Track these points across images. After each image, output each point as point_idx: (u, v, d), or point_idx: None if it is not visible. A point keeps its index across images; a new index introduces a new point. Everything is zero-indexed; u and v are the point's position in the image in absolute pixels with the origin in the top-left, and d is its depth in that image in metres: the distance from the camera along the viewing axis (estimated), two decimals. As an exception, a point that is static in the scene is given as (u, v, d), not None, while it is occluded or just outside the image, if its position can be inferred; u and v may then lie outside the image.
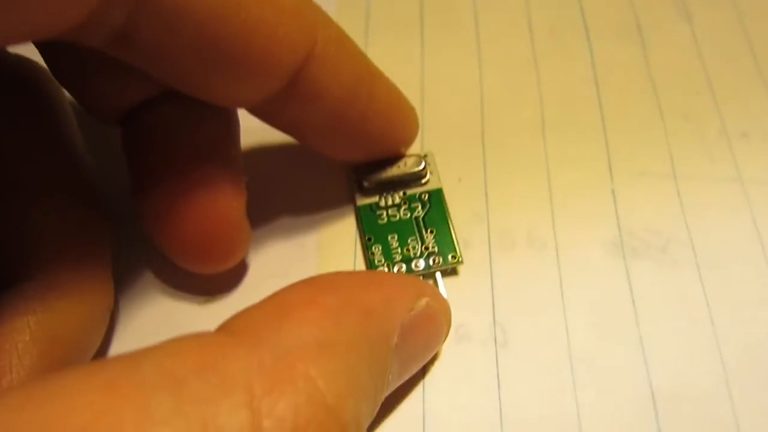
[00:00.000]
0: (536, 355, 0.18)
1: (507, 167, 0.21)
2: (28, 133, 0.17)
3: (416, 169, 0.20)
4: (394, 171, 0.20)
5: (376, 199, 0.20)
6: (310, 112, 0.17)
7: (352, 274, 0.17)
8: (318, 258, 0.19)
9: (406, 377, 0.16)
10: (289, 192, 0.21)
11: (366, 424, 0.13)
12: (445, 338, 0.17)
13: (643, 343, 0.18)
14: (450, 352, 0.18)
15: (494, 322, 0.18)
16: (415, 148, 0.21)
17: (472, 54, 0.24)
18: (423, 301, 0.15)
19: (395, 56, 0.24)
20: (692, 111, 0.22)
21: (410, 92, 0.22)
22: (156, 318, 0.19)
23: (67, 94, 0.18)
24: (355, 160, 0.20)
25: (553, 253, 0.19)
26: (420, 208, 0.20)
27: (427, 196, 0.20)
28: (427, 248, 0.19)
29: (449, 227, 0.19)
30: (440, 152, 0.21)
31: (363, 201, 0.20)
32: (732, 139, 0.22)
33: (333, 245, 0.20)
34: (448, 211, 0.20)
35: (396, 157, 0.20)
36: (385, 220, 0.20)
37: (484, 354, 0.18)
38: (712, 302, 0.18)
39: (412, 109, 0.20)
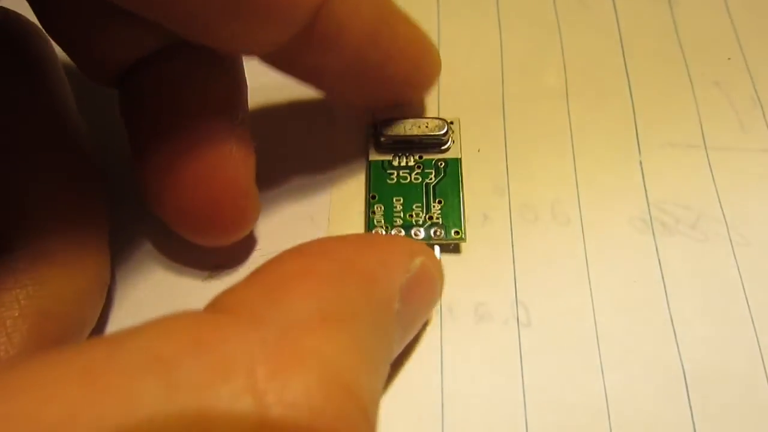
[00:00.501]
0: (561, 336, 0.17)
1: (529, 137, 0.20)
2: (15, 92, 0.15)
3: (437, 133, 0.19)
4: (414, 130, 0.19)
5: (389, 157, 0.19)
6: (330, 56, 0.15)
7: (343, 239, 0.15)
8: (328, 232, 0.18)
9: (405, 344, 0.15)
10: (298, 158, 0.20)
11: (379, 401, 0.12)
12: (440, 297, 0.16)
13: (674, 324, 0.17)
14: (470, 332, 0.17)
15: (516, 300, 0.17)
16: (431, 114, 0.20)
17: (491, 15, 0.22)
18: (418, 261, 0.14)
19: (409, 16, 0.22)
20: (723, 77, 0.21)
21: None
22: (156, 295, 0.18)
23: (59, 50, 0.17)
24: (376, 106, 0.19)
25: (579, 228, 0.18)
26: (433, 175, 0.19)
27: (443, 164, 0.19)
28: (431, 218, 0.18)
29: (460, 201, 0.18)
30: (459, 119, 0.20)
31: (376, 156, 0.19)
32: (765, 108, 0.20)
33: (344, 218, 0.19)
34: (462, 184, 0.18)
35: (419, 117, 0.19)
36: (395, 180, 0.18)
37: (506, 335, 0.17)
38: (746, 280, 0.17)
39: (434, 47, 0.18)
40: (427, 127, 0.19)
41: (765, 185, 0.19)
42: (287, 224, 0.19)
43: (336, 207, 0.19)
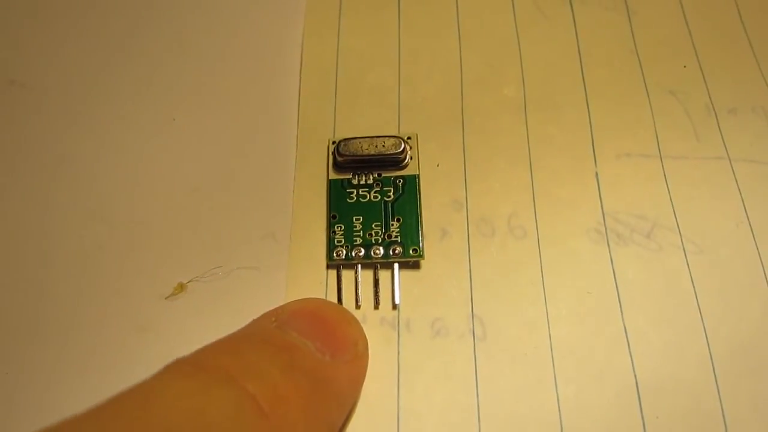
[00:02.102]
0: (516, 349, 0.17)
1: (487, 150, 0.20)
2: None
3: (394, 152, 0.19)
4: (371, 150, 0.19)
5: (349, 176, 0.19)
6: None
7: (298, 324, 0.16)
8: (290, 250, 0.19)
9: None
10: (260, 175, 0.20)
11: None
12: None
13: (627, 334, 0.17)
14: (426, 347, 0.17)
15: (472, 314, 0.17)
16: (391, 130, 0.20)
17: (451, 27, 0.23)
18: (360, 346, 0.16)
19: (370, 31, 0.23)
20: (679, 86, 0.21)
21: (385, 70, 0.21)
22: (119, 312, 0.18)
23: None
24: None
25: (535, 241, 0.18)
26: (392, 192, 0.19)
27: (401, 182, 0.19)
28: (389, 236, 0.18)
29: (418, 219, 0.18)
30: (417, 135, 0.20)
31: (335, 175, 0.19)
32: (720, 116, 0.21)
33: (306, 236, 0.19)
34: (420, 200, 0.19)
35: (376, 135, 0.19)
36: (354, 199, 0.19)
37: (462, 349, 0.17)
38: (699, 290, 0.18)
39: None
40: (383, 145, 0.19)
41: (718, 193, 0.19)
42: (249, 242, 0.19)
43: (298, 224, 0.19)
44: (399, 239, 0.18)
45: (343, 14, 0.23)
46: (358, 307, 0.18)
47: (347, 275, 0.18)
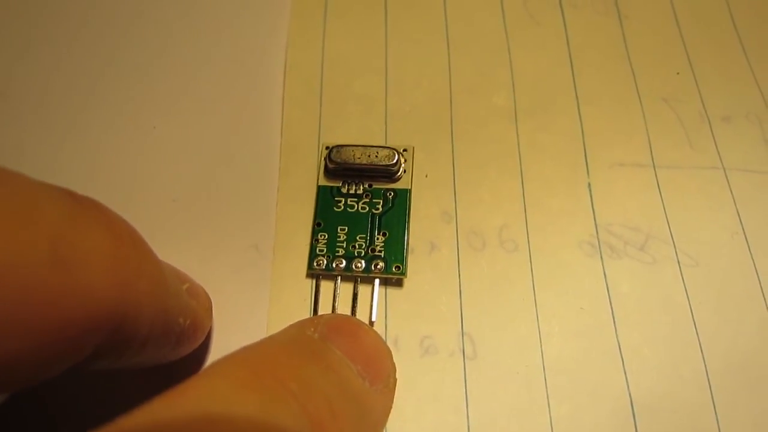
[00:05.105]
0: (507, 368, 0.16)
1: (477, 160, 0.19)
2: None
3: (387, 163, 0.18)
4: (363, 159, 0.18)
5: (338, 183, 0.19)
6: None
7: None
8: (274, 263, 0.18)
9: None
10: (243, 181, 0.19)
11: None
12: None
13: (621, 351, 0.17)
14: (414, 366, 0.16)
15: (462, 332, 0.17)
16: (379, 139, 0.20)
17: (439, 33, 0.22)
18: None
19: (356, 36, 0.22)
20: (672, 93, 0.21)
21: (372, 77, 0.21)
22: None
23: None
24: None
25: (526, 254, 0.18)
26: (381, 205, 0.18)
27: (392, 195, 0.18)
28: (373, 250, 0.18)
29: (404, 235, 0.18)
30: (405, 145, 0.19)
31: (325, 182, 0.19)
32: (713, 124, 0.20)
33: (290, 248, 0.18)
34: (409, 216, 0.18)
35: (371, 144, 0.19)
36: (341, 208, 0.18)
37: (452, 368, 0.16)
38: (694, 303, 0.17)
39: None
40: (377, 156, 0.18)
41: (712, 203, 0.19)
42: (231, 254, 0.18)
43: (281, 237, 0.18)
44: (383, 254, 0.17)
45: (329, 19, 0.22)
46: (339, 322, 0.17)
47: (327, 286, 0.17)
